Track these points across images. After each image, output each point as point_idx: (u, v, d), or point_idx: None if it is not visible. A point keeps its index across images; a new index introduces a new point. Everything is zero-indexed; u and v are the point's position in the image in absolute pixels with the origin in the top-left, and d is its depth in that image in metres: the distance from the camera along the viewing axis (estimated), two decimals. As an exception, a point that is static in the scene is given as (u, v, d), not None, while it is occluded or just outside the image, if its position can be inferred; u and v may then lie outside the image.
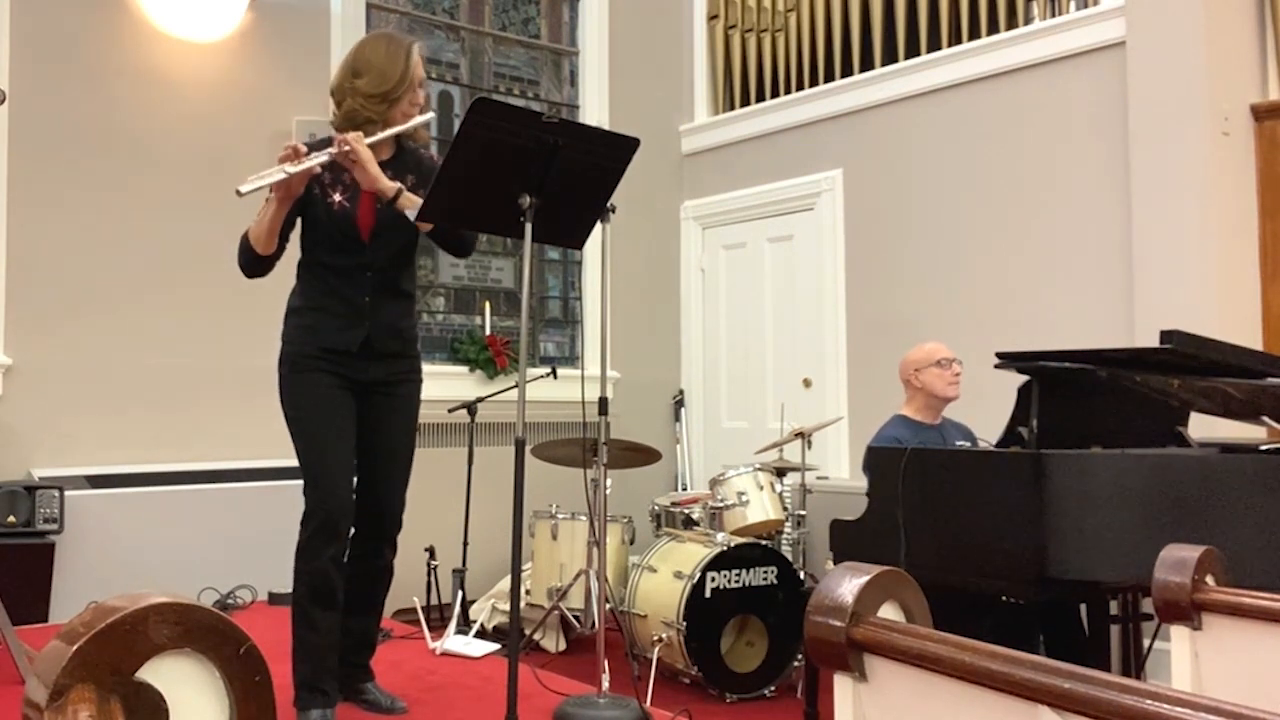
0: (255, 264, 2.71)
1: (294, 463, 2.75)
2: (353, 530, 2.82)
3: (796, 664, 4.09)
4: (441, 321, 5.53)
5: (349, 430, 2.75)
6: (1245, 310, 4.14)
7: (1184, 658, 1.76)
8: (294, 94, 4.89)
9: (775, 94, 5.88)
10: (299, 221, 2.77)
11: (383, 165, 2.69)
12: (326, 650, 2.68)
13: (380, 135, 2.69)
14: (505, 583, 4.83)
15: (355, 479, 2.81)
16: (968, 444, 3.74)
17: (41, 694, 0.83)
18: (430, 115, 2.85)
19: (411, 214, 2.64)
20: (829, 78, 5.62)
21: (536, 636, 4.51)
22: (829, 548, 3.49)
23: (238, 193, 2.46)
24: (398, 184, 2.64)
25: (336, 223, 2.71)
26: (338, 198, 2.72)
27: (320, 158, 2.56)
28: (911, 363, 3.85)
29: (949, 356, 3.80)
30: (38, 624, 3.75)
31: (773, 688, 4.08)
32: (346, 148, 2.58)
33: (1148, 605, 2.89)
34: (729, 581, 4.04)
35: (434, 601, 4.53)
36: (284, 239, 2.74)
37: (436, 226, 2.70)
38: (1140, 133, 4.25)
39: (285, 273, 2.82)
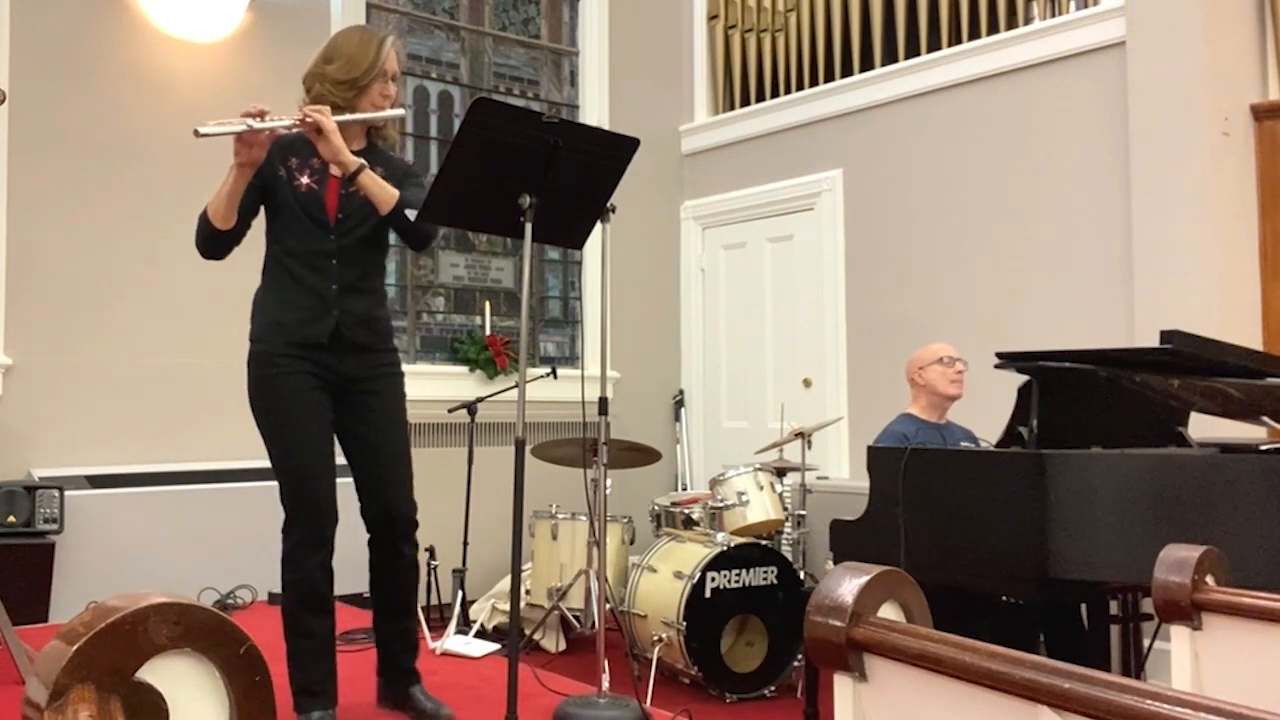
0: (212, 239, 2.63)
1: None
2: (369, 536, 2.78)
3: (796, 664, 4.09)
4: (441, 321, 5.53)
5: (325, 431, 2.67)
6: (1245, 310, 4.13)
7: (1184, 658, 1.76)
8: (294, 94, 4.85)
9: (775, 94, 5.88)
10: (263, 210, 2.71)
11: (353, 154, 2.65)
12: (322, 653, 2.65)
13: (347, 117, 2.65)
14: (505, 583, 4.83)
15: (355, 483, 2.76)
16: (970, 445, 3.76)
17: (41, 694, 0.83)
18: (402, 111, 2.81)
19: (412, 214, 2.63)
20: (829, 78, 5.62)
21: (536, 636, 4.51)
22: (829, 548, 3.50)
23: (196, 133, 2.41)
24: (361, 160, 2.60)
25: (303, 204, 2.66)
26: (305, 180, 2.68)
27: (285, 121, 2.53)
28: (916, 361, 3.92)
29: (952, 355, 3.86)
30: (38, 624, 3.75)
31: (773, 688, 4.08)
32: (312, 119, 2.55)
33: (1148, 605, 2.89)
34: (729, 581, 4.04)
35: (434, 601, 4.53)
36: (245, 222, 2.66)
37: (395, 213, 2.63)
38: (1140, 133, 4.25)
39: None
